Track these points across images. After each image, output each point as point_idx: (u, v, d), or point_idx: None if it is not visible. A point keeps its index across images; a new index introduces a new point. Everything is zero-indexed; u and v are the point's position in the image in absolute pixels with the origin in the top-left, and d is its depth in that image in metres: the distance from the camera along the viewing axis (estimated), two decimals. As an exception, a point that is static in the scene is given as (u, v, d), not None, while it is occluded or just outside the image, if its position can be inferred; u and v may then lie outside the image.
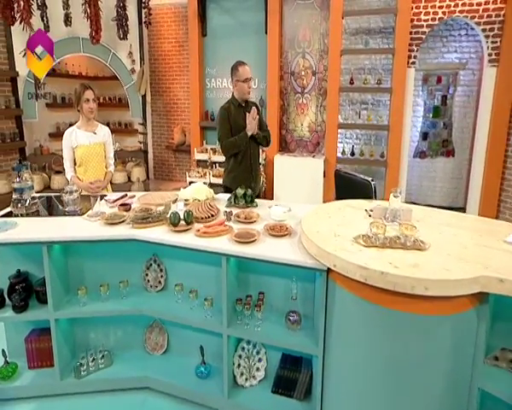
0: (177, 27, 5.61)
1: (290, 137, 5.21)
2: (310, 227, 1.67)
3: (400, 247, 1.44)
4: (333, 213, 1.85)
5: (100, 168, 2.75)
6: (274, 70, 4.87)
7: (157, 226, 1.99)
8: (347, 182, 2.25)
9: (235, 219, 2.00)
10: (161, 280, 2.18)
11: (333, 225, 1.69)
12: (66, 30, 4.55)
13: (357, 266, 1.32)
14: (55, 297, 2.04)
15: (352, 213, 1.85)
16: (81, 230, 1.98)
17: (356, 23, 4.69)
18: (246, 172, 2.73)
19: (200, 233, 1.82)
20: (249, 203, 2.24)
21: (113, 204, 2.35)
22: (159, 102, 6.19)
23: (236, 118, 2.65)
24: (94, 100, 2.61)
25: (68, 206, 2.25)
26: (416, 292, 1.22)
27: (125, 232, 1.94)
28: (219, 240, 1.76)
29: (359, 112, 4.91)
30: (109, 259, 2.16)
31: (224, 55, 5.20)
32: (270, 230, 1.81)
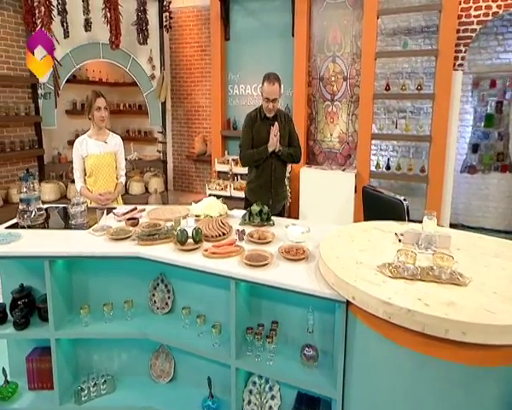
0: (200, 31, 5.78)
1: (318, 148, 5.16)
2: (328, 252, 1.60)
3: (433, 280, 1.34)
4: (357, 237, 1.77)
5: (110, 179, 2.82)
6: (301, 75, 4.86)
7: (164, 244, 1.99)
8: (376, 200, 2.16)
9: (248, 238, 1.95)
10: (168, 302, 2.17)
11: (355, 251, 1.60)
12: (85, 35, 4.80)
13: (379, 301, 1.24)
14: (57, 315, 2.08)
15: (380, 237, 1.75)
16: (84, 244, 2.01)
17: (393, 22, 4.60)
18: (264, 187, 2.73)
19: (208, 253, 1.78)
20: (265, 221, 2.19)
21: (121, 218, 2.38)
22: (179, 110, 6.37)
23: (260, 128, 2.65)
24: (105, 108, 2.70)
25: (75, 218, 2.30)
26: (450, 337, 1.12)
27: (130, 249, 1.94)
28: (228, 262, 1.73)
29: (396, 121, 4.78)
30: (114, 276, 2.18)
31: (247, 59, 5.27)
32: (284, 252, 1.75)
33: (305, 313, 1.77)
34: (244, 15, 5.16)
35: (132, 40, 4.93)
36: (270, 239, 1.93)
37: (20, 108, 4.80)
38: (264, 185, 2.72)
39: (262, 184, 2.72)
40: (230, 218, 2.37)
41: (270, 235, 1.97)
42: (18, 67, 4.78)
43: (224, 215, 2.34)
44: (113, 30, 4.43)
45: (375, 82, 4.60)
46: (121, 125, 6.80)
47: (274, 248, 1.84)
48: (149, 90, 5.42)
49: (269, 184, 2.72)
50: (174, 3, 5.59)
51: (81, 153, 2.73)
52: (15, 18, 4.60)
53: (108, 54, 4.98)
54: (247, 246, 1.89)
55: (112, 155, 2.80)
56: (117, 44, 4.56)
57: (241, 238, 1.98)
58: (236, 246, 1.86)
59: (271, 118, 2.67)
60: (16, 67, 4.76)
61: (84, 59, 5.04)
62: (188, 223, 2.23)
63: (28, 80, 4.88)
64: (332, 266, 1.47)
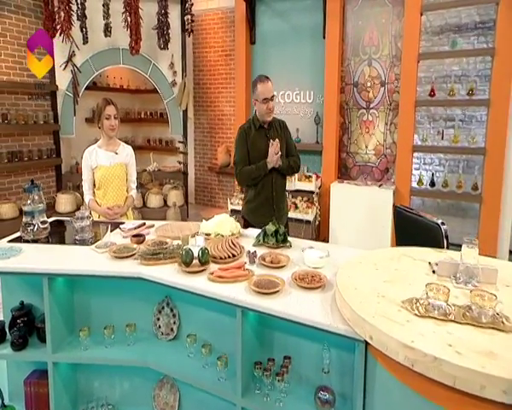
0: (224, 34, 5.91)
1: (352, 161, 5.08)
2: (346, 281, 1.52)
3: (470, 322, 1.23)
4: (382, 265, 1.67)
5: (120, 192, 2.88)
6: (333, 81, 4.83)
7: (169, 264, 1.99)
8: (410, 223, 2.07)
9: (260, 261, 1.92)
10: (174, 328, 2.15)
11: (378, 281, 1.51)
12: (105, 41, 5.04)
13: (400, 344, 1.14)
14: (55, 337, 2.11)
15: (410, 267, 1.66)
16: (85, 262, 2.05)
17: (441, 19, 4.45)
18: (266, 204, 2.71)
19: (214, 277, 1.77)
20: (281, 243, 2.15)
21: (127, 234, 2.41)
22: (202, 118, 6.49)
23: (256, 141, 2.65)
24: (116, 117, 2.78)
25: (79, 233, 2.37)
26: (487, 395, 1.01)
27: (131, 269, 1.95)
28: (235, 287, 1.70)
29: (443, 131, 4.59)
30: (118, 297, 2.20)
31: (274, 64, 5.30)
32: (298, 279, 1.70)
33: (320, 349, 1.69)
34: (271, 17, 5.22)
35: (153, 45, 5.12)
36: (285, 263, 1.89)
37: (38, 116, 5.08)
38: (266, 202, 2.71)
39: (263, 201, 2.70)
40: (244, 238, 2.35)
41: (285, 258, 1.94)
42: (38, 75, 5.09)
43: (237, 235, 2.32)
44: (133, 34, 4.62)
45: (418, 87, 4.47)
46: (142, 133, 7.03)
47: (288, 274, 1.79)
48: (170, 97, 5.58)
49: (270, 201, 2.71)
50: (198, 6, 5.76)
51: (90, 164, 2.82)
52: (36, 24, 4.91)
53: (128, 59, 5.19)
54: (258, 270, 1.86)
55: (122, 166, 2.87)
56: (137, 50, 4.74)
57: (252, 261, 1.95)
58: (246, 270, 1.83)
59: (267, 126, 2.68)
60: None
61: (104, 65, 5.28)
62: (196, 242, 2.20)
63: (48, 87, 5.17)
64: (348, 298, 1.39)
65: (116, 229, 2.53)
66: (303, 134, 5.23)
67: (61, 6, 4.26)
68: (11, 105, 4.84)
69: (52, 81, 5.17)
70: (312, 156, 5.18)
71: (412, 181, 4.58)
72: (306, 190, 4.88)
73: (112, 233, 2.47)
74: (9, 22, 4.65)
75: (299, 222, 4.78)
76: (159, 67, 5.45)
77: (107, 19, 4.65)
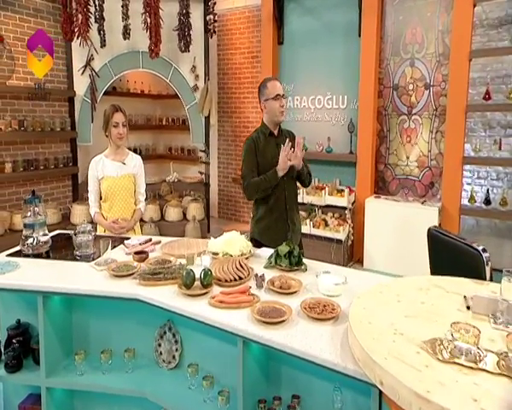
0: (251, 34, 5.99)
1: (390, 174, 5.01)
2: (361, 313, 1.45)
3: (505, 374, 1.12)
4: (407, 296, 1.58)
5: (127, 205, 2.93)
6: (369, 84, 4.78)
7: (169, 285, 1.99)
8: (445, 248, 1.98)
9: (269, 286, 1.88)
10: (176, 355, 2.14)
11: (398, 316, 1.42)
12: (124, 44, 5.23)
13: (413, 393, 1.05)
14: (50, 360, 2.14)
15: (440, 300, 1.56)
16: (82, 280, 2.08)
17: (499, 9, 4.24)
18: (280, 220, 2.68)
19: (215, 301, 1.76)
20: (295, 266, 2.10)
21: (131, 250, 2.44)
22: (226, 126, 6.57)
23: (266, 150, 2.62)
24: (124, 124, 2.84)
25: (80, 248, 2.42)
26: None
27: (128, 289, 1.97)
28: (237, 314, 1.68)
29: (500, 140, 4.37)
30: (118, 319, 2.21)
31: (304, 66, 5.32)
32: (308, 309, 1.64)
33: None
34: (300, 14, 5.25)
35: (174, 47, 5.26)
36: (296, 289, 1.85)
37: (55, 122, 5.32)
38: (280, 218, 2.67)
39: (277, 217, 2.67)
40: (255, 258, 2.33)
41: (297, 283, 1.90)
42: (56, 79, 5.33)
43: (248, 255, 2.31)
44: (153, 37, 4.76)
45: (470, 89, 4.32)
46: (163, 141, 7.20)
47: (298, 301, 1.73)
48: (192, 103, 5.69)
49: (284, 216, 2.68)
50: (222, 4, 5.88)
51: (96, 174, 2.89)
52: (55, 27, 5.17)
53: (148, 63, 5.36)
54: (265, 296, 1.83)
55: (130, 177, 2.93)
56: (156, 53, 4.89)
57: (259, 285, 1.92)
58: (251, 295, 1.80)
59: (277, 134, 2.67)
60: (54, 79, 5.30)
61: (123, 69, 5.47)
62: (202, 261, 2.19)
63: (65, 93, 5.42)
64: (360, 334, 1.32)
65: (120, 245, 2.57)
66: (335, 143, 5.19)
67: (79, 8, 4.47)
68: (28, 112, 5.11)
69: (70, 86, 5.41)
70: (345, 168, 5.13)
71: (462, 198, 4.43)
72: (338, 206, 4.83)
73: (115, 249, 2.51)
74: (28, 26, 4.92)
75: (328, 241, 4.70)
76: (180, 70, 5.58)
77: (126, 20, 4.83)
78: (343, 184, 5.15)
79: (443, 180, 4.51)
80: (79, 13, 4.51)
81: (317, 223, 4.78)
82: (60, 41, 5.23)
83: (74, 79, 5.37)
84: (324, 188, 4.93)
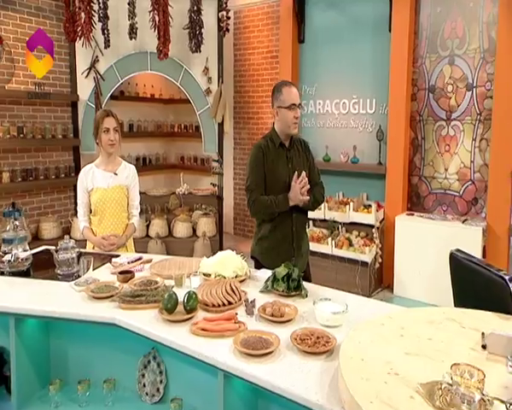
0: (270, 32, 6.03)
1: (426, 188, 4.93)
2: (355, 348, 1.42)
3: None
4: (413, 329, 1.54)
5: (118, 219, 2.95)
6: (400, 85, 4.73)
7: (150, 309, 1.99)
8: (469, 275, 1.90)
9: (260, 313, 1.87)
10: (160, 387, 2.12)
11: (398, 352, 1.38)
12: (131, 44, 5.34)
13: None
14: (23, 390, 2.15)
15: (452, 336, 1.50)
16: (58, 301, 2.10)
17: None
18: (284, 242, 2.66)
19: (196, 328, 1.76)
20: (293, 290, 2.09)
21: (117, 270, 2.45)
22: (243, 133, 6.59)
23: (274, 162, 2.60)
24: (116, 130, 2.87)
25: (61, 267, 2.44)
26: None
27: (105, 313, 1.98)
28: (219, 343, 1.69)
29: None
30: (99, 345, 2.20)
31: (327, 67, 5.31)
32: (298, 340, 1.62)
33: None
34: (323, 9, 5.25)
35: (185, 48, 5.33)
36: (291, 317, 1.85)
37: (57, 129, 5.48)
38: (284, 240, 2.65)
39: (280, 239, 2.65)
40: (252, 281, 2.32)
41: (292, 311, 1.88)
42: (58, 83, 5.49)
43: (244, 277, 2.31)
44: (161, 36, 4.85)
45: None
46: (176, 149, 7.31)
47: (291, 331, 1.71)
48: (204, 108, 5.74)
49: (290, 238, 2.66)
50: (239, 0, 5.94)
51: (86, 185, 2.92)
52: (58, 27, 5.32)
53: (157, 65, 5.45)
54: (255, 324, 1.83)
55: (122, 189, 2.95)
56: (165, 53, 4.96)
57: (249, 312, 1.91)
58: (237, 322, 1.80)
59: (288, 145, 2.64)
60: (56, 82, 5.47)
61: (130, 71, 5.58)
62: (192, 283, 2.22)
63: (68, 98, 5.58)
64: (348, 372, 1.28)
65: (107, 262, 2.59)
66: (362, 153, 5.15)
67: (82, 6, 4.62)
68: (28, 117, 5.28)
69: (73, 90, 5.57)
70: (373, 181, 5.07)
71: None
72: (364, 224, 4.77)
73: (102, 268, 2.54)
74: (29, 26, 5.09)
75: (352, 263, 4.61)
76: (191, 72, 5.64)
77: (132, 19, 4.94)
78: (371, 198, 5.07)
79: (488, 196, 4.42)
80: (82, 11, 4.65)
81: (340, 242, 4.70)
82: (63, 42, 5.39)
83: (78, 82, 5.52)
84: (349, 203, 4.84)
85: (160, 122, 7.00)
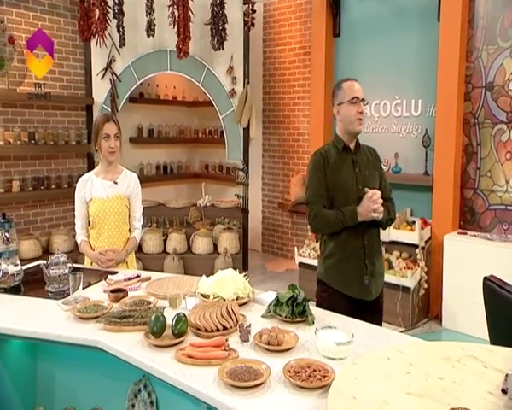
0: (303, 26, 6.04)
1: (482, 203, 4.81)
2: (349, 384, 1.44)
3: None
4: (422, 366, 1.52)
5: (118, 232, 3.01)
6: (450, 83, 4.65)
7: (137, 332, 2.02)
8: (503, 306, 1.83)
9: (256, 340, 1.88)
10: (151, 421, 2.14)
11: (399, 392, 1.37)
12: (150, 42, 5.50)
13: None
14: (4, 416, 2.24)
15: (468, 376, 1.47)
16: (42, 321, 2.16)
17: None
18: (354, 259, 2.59)
19: (181, 355, 1.79)
20: (298, 316, 2.09)
21: (110, 288, 2.50)
22: (273, 139, 6.61)
23: (338, 168, 2.59)
24: (117, 136, 2.94)
25: (52, 283, 2.52)
26: None
27: (89, 335, 2.03)
28: (206, 373, 1.70)
29: None
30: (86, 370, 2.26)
31: (365, 64, 5.29)
32: (291, 372, 1.62)
33: None
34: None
35: (208, 45, 5.44)
36: (290, 346, 1.85)
37: (70, 135, 5.69)
38: (355, 256, 2.58)
39: (350, 253, 2.58)
40: (255, 305, 2.34)
41: (292, 339, 1.89)
42: (72, 85, 5.73)
43: (246, 299, 2.32)
44: (181, 33, 4.97)
45: None
46: (200, 157, 7.44)
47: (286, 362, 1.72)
48: (228, 111, 5.82)
49: (361, 254, 2.58)
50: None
51: (84, 196, 3.01)
52: (73, 25, 5.57)
53: (178, 64, 5.58)
54: (249, 352, 1.84)
55: (122, 199, 3.02)
56: (185, 52, 5.07)
57: (244, 338, 1.92)
58: (229, 349, 1.82)
59: (354, 149, 2.63)
60: (70, 84, 5.70)
61: (148, 72, 5.75)
62: (187, 304, 2.26)
63: (83, 101, 5.80)
64: None
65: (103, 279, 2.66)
66: (405, 161, 5.07)
67: (96, 2, 4.81)
68: (40, 122, 5.53)
69: (88, 93, 5.79)
70: (418, 194, 4.98)
71: None
72: (407, 243, 4.66)
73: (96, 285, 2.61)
74: (42, 24, 5.33)
75: (392, 288, 4.50)
76: (214, 72, 5.74)
77: (150, 15, 5.10)
78: (416, 214, 4.95)
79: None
80: (96, 7, 4.84)
81: (384, 264, 4.61)
82: (78, 41, 5.64)
83: (93, 84, 5.73)
84: (389, 219, 4.75)
85: (183, 127, 7.15)
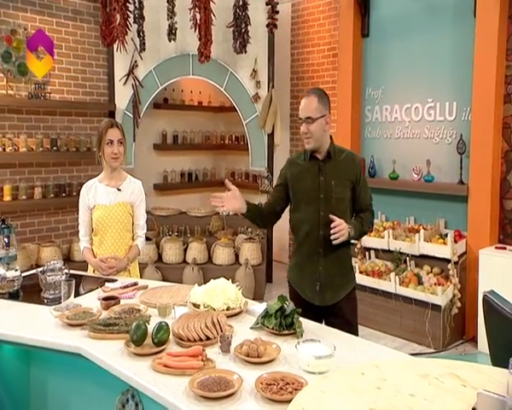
0: (332, 26, 6.02)
1: None
2: (312, 399, 1.45)
3: None
4: (396, 383, 1.53)
5: (121, 239, 3.08)
6: (488, 84, 4.52)
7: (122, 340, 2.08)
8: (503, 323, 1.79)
9: (236, 351, 1.92)
10: (138, 431, 2.18)
11: (361, 408, 1.39)
12: (172, 46, 5.62)
13: None
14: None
15: (442, 394, 1.47)
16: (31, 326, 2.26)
17: None
18: (308, 264, 2.74)
19: (157, 364, 1.85)
20: (285, 328, 2.11)
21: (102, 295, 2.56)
22: (301, 145, 6.55)
23: (302, 176, 2.76)
24: (120, 142, 3.02)
25: (48, 290, 2.61)
26: None
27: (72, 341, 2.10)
28: (179, 382, 1.75)
29: None
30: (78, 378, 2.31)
31: (396, 65, 5.25)
32: (263, 385, 1.65)
33: None
34: (393, -5, 5.20)
35: (231, 48, 5.52)
36: (271, 358, 1.89)
37: (93, 141, 5.87)
38: (309, 261, 2.74)
39: (306, 258, 2.76)
40: (247, 316, 2.37)
41: (273, 351, 1.93)
42: (95, 91, 5.91)
43: (237, 309, 2.36)
44: (202, 36, 5.06)
45: None
46: (226, 164, 7.50)
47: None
48: (251, 116, 5.87)
49: (315, 259, 2.70)
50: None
51: (87, 202, 3.10)
52: (96, 31, 5.76)
53: (200, 68, 5.65)
54: (229, 363, 1.89)
55: (126, 206, 3.09)
56: (206, 55, 5.14)
57: (224, 349, 1.96)
58: (206, 360, 1.87)
59: (322, 157, 2.73)
60: (93, 91, 5.89)
61: (171, 77, 5.87)
62: (176, 314, 2.30)
63: (105, 107, 5.98)
64: None
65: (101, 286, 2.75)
66: (438, 169, 4.96)
67: (117, 6, 4.97)
68: (63, 129, 5.74)
69: (110, 99, 5.97)
70: (453, 204, 4.85)
71: None
72: (438, 258, 4.53)
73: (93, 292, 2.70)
74: (65, 31, 5.57)
75: (421, 306, 4.42)
76: (237, 76, 5.80)
77: (171, 19, 5.23)
78: (450, 226, 4.81)
79: None
80: (117, 12, 5.01)
81: (407, 279, 4.50)
82: (101, 46, 5.84)
83: (116, 90, 5.90)
84: (418, 230, 4.64)
85: (209, 133, 7.24)
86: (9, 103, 5.24)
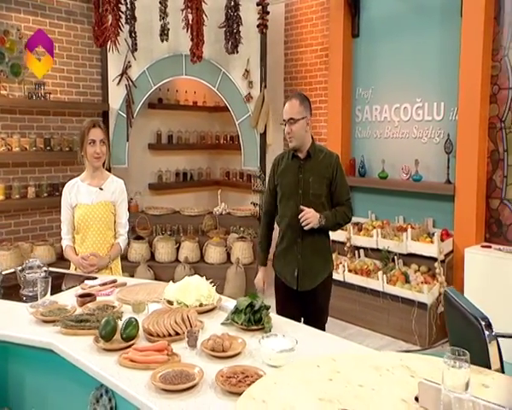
0: (325, 26, 6.07)
1: (510, 214, 4.69)
2: (265, 389, 1.50)
3: None
4: (348, 374, 1.60)
5: (102, 238, 3.16)
6: (474, 83, 4.59)
7: (91, 335, 2.13)
8: (459, 317, 1.84)
9: (203, 346, 1.96)
10: (111, 426, 2.23)
11: (310, 398, 1.43)
12: (165, 47, 5.69)
13: None
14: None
15: (390, 385, 1.53)
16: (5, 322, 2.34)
17: None
18: (289, 252, 3.06)
19: (123, 359, 1.89)
20: (254, 324, 2.16)
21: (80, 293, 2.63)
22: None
23: (285, 173, 3.08)
24: (102, 142, 3.10)
25: (27, 287, 2.68)
26: None
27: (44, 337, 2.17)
28: (143, 376, 1.79)
29: None
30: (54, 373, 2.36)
31: (385, 65, 5.30)
32: (223, 377, 1.70)
33: None
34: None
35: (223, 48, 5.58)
36: (235, 352, 1.93)
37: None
38: (289, 250, 3.05)
39: (287, 247, 3.07)
40: (220, 312, 2.41)
41: (238, 346, 1.97)
42: (89, 91, 6.01)
43: (210, 306, 2.40)
44: (194, 37, 5.11)
45: None
46: (221, 164, 7.56)
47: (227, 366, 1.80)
48: (244, 116, 5.93)
49: (294, 248, 3.02)
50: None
51: (69, 201, 3.18)
52: (89, 32, 5.83)
53: (193, 69, 5.73)
54: (195, 358, 1.92)
55: (107, 205, 3.17)
56: (198, 56, 5.20)
57: (192, 344, 2.00)
58: (171, 354, 1.90)
59: (303, 156, 3.04)
60: (87, 91, 5.98)
61: (164, 77, 5.94)
62: (150, 310, 2.34)
63: (99, 107, 6.06)
64: None
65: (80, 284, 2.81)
66: (426, 169, 5.03)
67: (109, 7, 5.03)
68: (56, 128, 5.82)
69: (104, 99, 6.04)
70: (441, 203, 4.91)
71: None
72: (425, 256, 4.60)
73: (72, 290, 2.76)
74: (59, 31, 5.67)
75: (407, 304, 4.48)
76: (230, 76, 5.86)
77: (163, 19, 5.29)
78: (438, 225, 4.88)
79: None
80: (109, 13, 5.06)
81: (394, 277, 4.55)
82: (94, 47, 5.91)
83: (109, 90, 5.98)
84: (406, 229, 4.69)
85: (204, 133, 7.30)
86: (3, 103, 5.32)
